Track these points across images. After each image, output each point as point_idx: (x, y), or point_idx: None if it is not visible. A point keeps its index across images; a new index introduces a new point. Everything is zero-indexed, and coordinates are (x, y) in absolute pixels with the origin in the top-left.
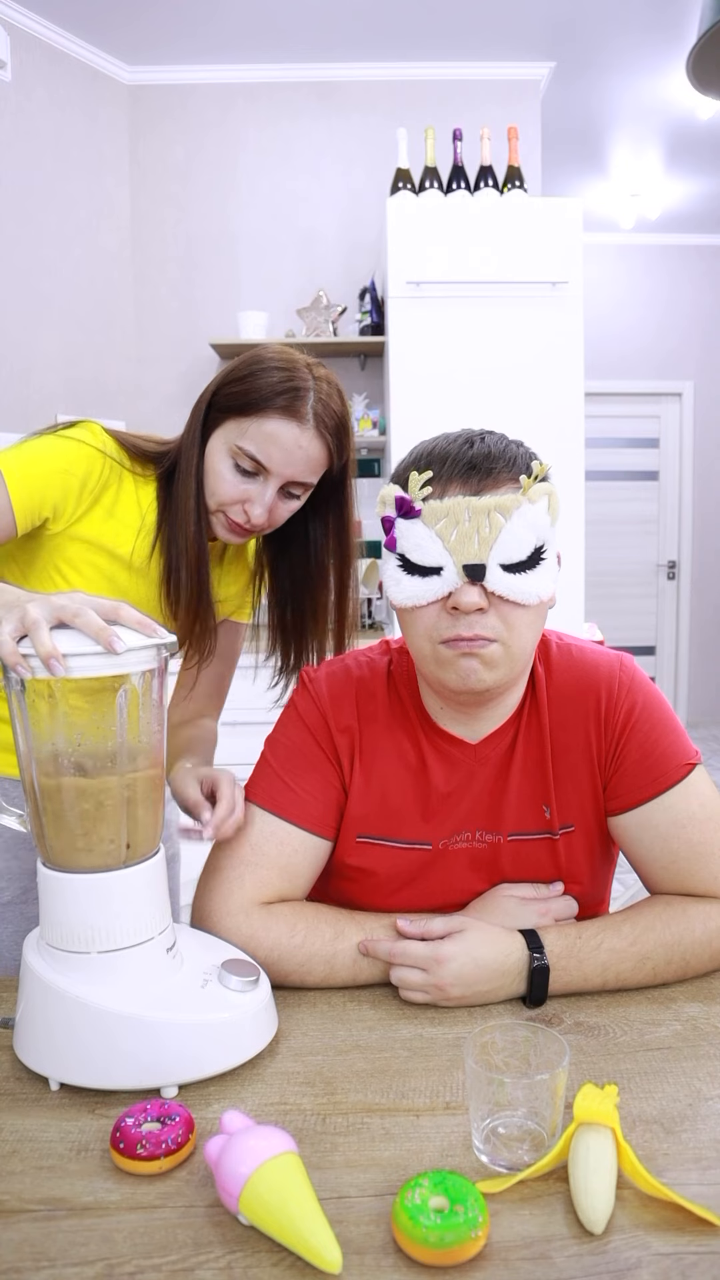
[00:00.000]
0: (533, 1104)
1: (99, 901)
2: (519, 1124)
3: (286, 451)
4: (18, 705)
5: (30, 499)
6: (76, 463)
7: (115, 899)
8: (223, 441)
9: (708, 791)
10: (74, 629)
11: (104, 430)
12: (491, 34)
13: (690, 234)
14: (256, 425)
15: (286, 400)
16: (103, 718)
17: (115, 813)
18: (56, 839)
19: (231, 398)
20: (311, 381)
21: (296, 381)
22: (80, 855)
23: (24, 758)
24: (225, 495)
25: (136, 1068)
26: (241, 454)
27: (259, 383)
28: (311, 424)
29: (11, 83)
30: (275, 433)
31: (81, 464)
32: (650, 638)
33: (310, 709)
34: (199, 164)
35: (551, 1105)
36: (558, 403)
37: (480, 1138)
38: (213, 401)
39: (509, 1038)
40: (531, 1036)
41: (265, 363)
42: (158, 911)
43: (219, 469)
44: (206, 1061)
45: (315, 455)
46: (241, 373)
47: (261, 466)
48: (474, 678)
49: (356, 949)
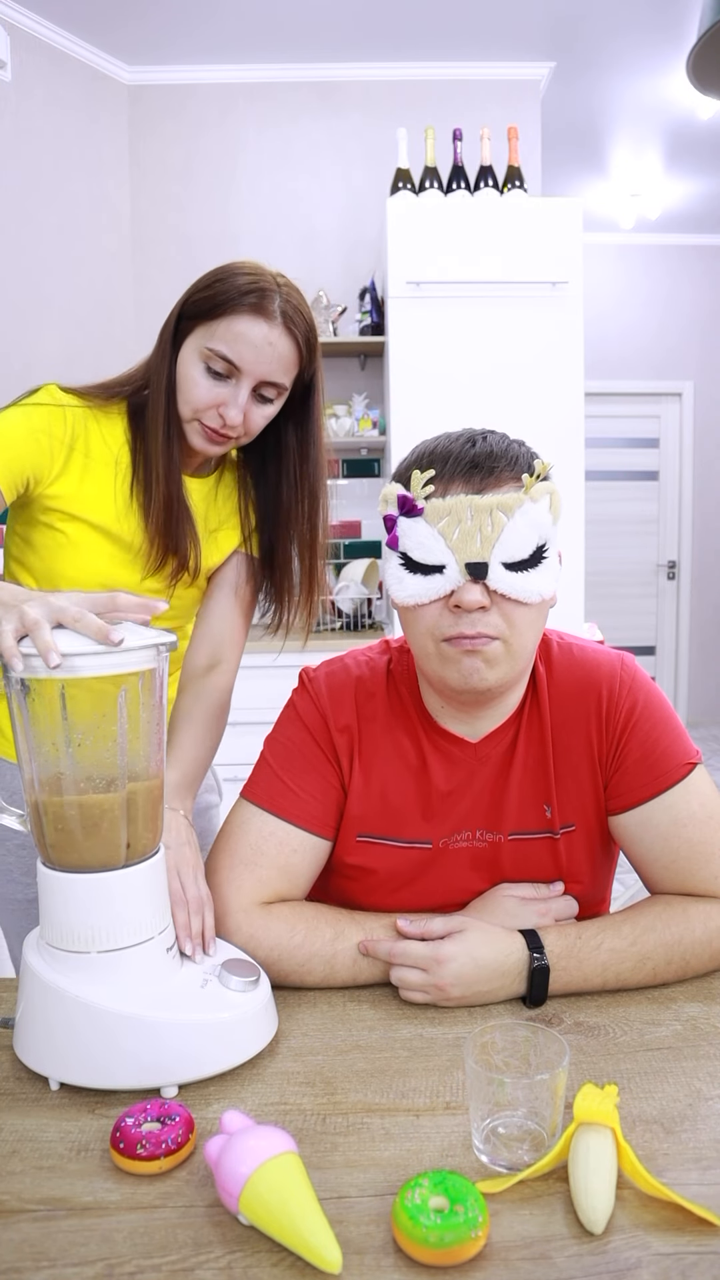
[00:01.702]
0: (533, 1104)
1: (99, 901)
2: (519, 1124)
3: (257, 348)
4: (18, 708)
5: (9, 467)
6: (42, 422)
7: (115, 899)
8: (193, 348)
9: (708, 791)
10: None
11: (59, 388)
12: (491, 34)
13: (690, 234)
14: (226, 325)
15: (254, 299)
16: (103, 718)
17: (116, 816)
18: (56, 840)
19: (199, 304)
20: (276, 286)
21: (262, 283)
22: (80, 855)
23: (24, 761)
24: (199, 400)
25: (136, 1067)
26: (213, 355)
27: (225, 286)
28: (280, 321)
29: (11, 83)
30: (245, 331)
31: (45, 421)
32: (650, 638)
33: (309, 708)
34: (199, 164)
35: (551, 1105)
36: (558, 403)
37: (480, 1138)
38: (182, 312)
39: (509, 1038)
40: (531, 1036)
41: (230, 269)
42: (157, 911)
43: (191, 375)
44: (206, 1061)
45: (285, 353)
46: (207, 280)
47: (233, 366)
48: (476, 676)
49: (356, 949)
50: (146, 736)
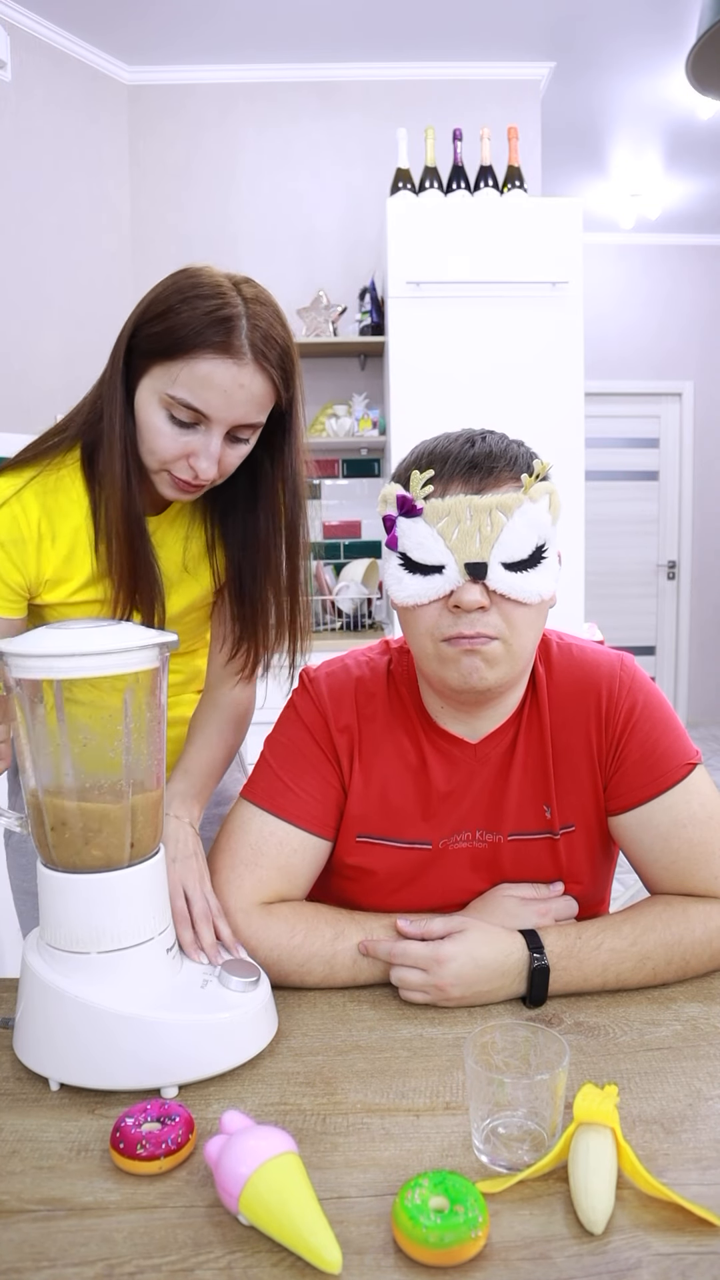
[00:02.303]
0: (533, 1104)
1: (100, 902)
2: (519, 1124)
3: (226, 394)
4: (20, 712)
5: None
6: (5, 534)
7: (118, 899)
8: (151, 391)
9: (708, 791)
10: (73, 629)
11: (7, 475)
12: (491, 34)
13: (690, 234)
14: (187, 369)
15: (217, 334)
16: (106, 720)
17: (120, 818)
18: (59, 842)
19: (153, 340)
20: (243, 306)
21: (226, 309)
22: (82, 857)
23: (26, 764)
24: (166, 453)
25: (136, 1068)
26: (175, 404)
27: (183, 317)
28: (250, 358)
29: (11, 83)
30: (210, 375)
31: (7, 532)
32: (650, 638)
33: (310, 709)
34: (199, 164)
35: (551, 1105)
36: (558, 403)
37: (480, 1138)
38: (131, 345)
39: (509, 1038)
40: (531, 1036)
41: (186, 292)
42: (158, 911)
43: (154, 424)
44: (206, 1062)
45: (259, 393)
46: (160, 308)
47: (201, 415)
48: (476, 676)
49: (356, 949)
50: (149, 738)
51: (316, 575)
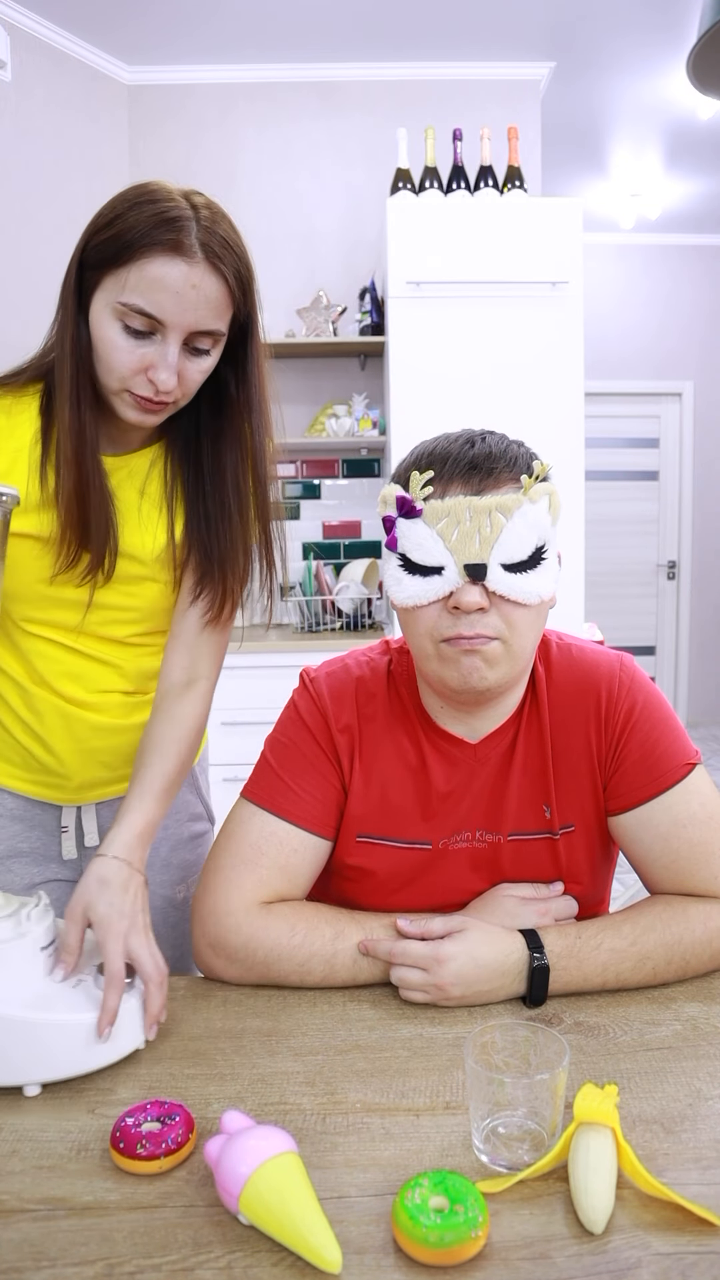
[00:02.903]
0: (533, 1104)
1: None
2: (519, 1124)
3: (178, 294)
4: None
5: None
6: None
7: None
8: (104, 305)
9: (708, 791)
10: None
11: None
12: (491, 34)
13: (690, 234)
14: (137, 272)
15: (165, 233)
16: None
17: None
18: None
19: (101, 249)
20: (190, 209)
21: (171, 210)
22: None
23: None
24: (123, 367)
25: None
26: (128, 311)
27: (129, 221)
28: (201, 256)
29: (11, 83)
30: (160, 275)
31: None
32: (650, 638)
33: (310, 708)
34: (199, 164)
35: (551, 1105)
36: (558, 403)
37: (480, 1137)
38: (83, 261)
39: (509, 1038)
40: (531, 1036)
41: (131, 199)
42: None
43: (108, 337)
44: (69, 1061)
45: (214, 294)
46: (107, 217)
47: (155, 320)
48: (475, 676)
49: (356, 949)
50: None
51: (316, 575)
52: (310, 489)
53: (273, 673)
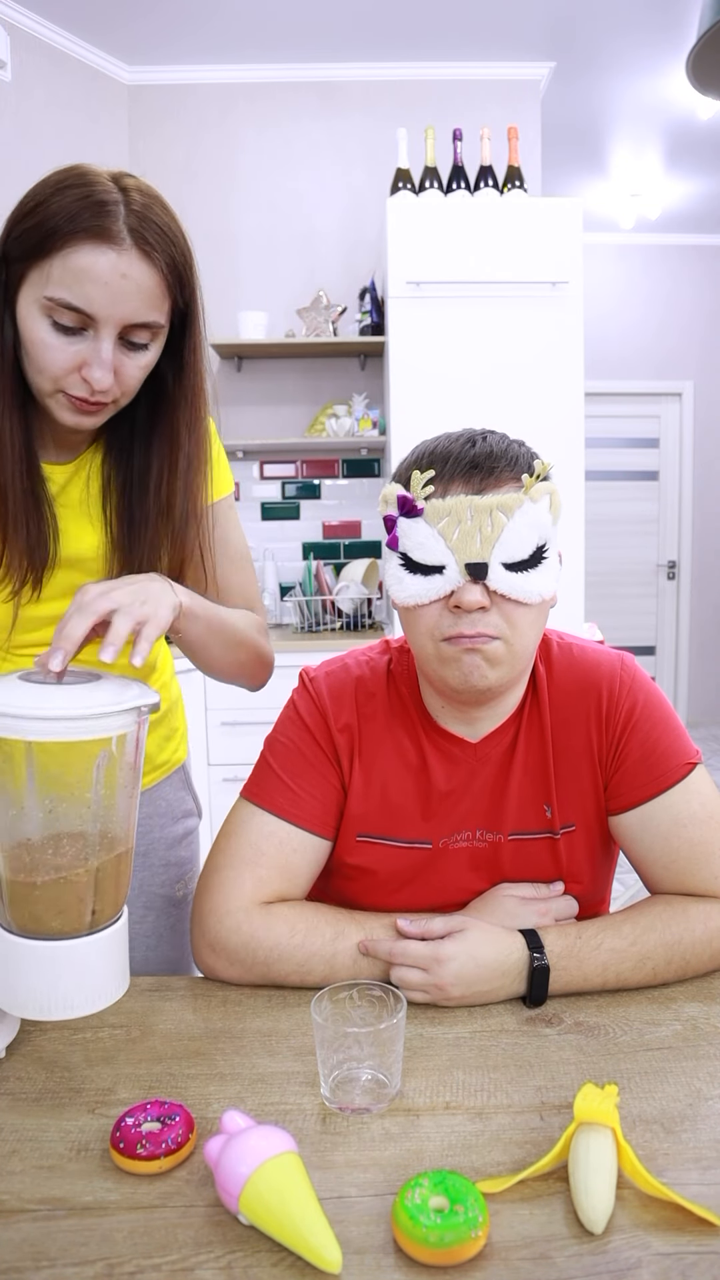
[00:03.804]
0: (378, 1056)
1: (56, 970)
2: (367, 1074)
3: (107, 286)
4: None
5: None
6: None
7: (75, 967)
8: (30, 300)
9: (708, 791)
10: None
11: None
12: (491, 34)
13: (690, 234)
14: (61, 263)
15: (90, 219)
16: (76, 784)
17: (84, 886)
18: (14, 901)
19: (24, 239)
20: (118, 192)
21: (97, 194)
22: (40, 923)
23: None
24: (55, 366)
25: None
26: (56, 306)
27: (51, 208)
28: (130, 242)
29: (11, 83)
30: (88, 266)
31: None
32: (650, 638)
33: (310, 708)
34: (199, 164)
35: (393, 1053)
36: (558, 403)
37: (328, 1087)
38: (5, 254)
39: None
40: (384, 996)
41: (55, 184)
42: (117, 982)
43: (38, 336)
44: None
45: (147, 283)
46: (30, 204)
47: (84, 315)
48: (476, 674)
49: (356, 949)
50: (121, 803)
51: (316, 575)
52: (310, 489)
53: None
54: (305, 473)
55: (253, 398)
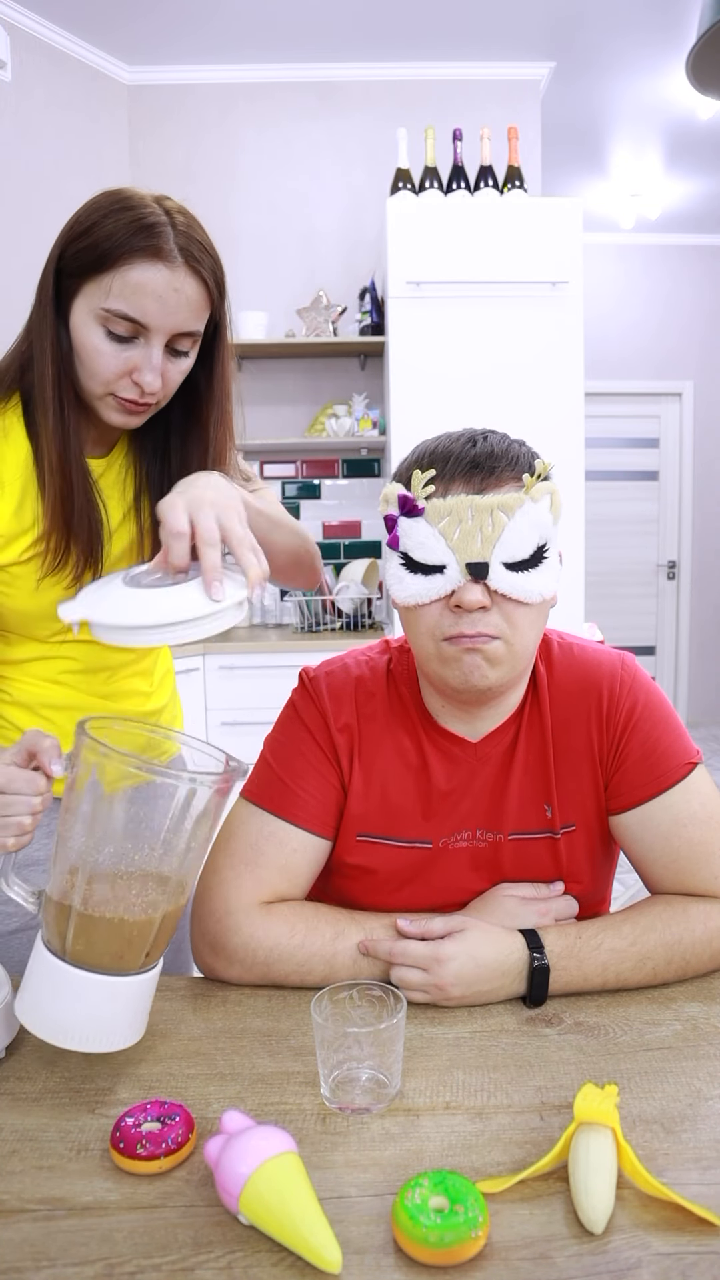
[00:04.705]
0: (378, 1055)
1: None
2: (366, 1074)
3: (161, 299)
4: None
5: None
6: None
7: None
8: (86, 311)
9: (708, 791)
10: None
11: None
12: (491, 34)
13: (690, 234)
14: (120, 278)
15: (145, 240)
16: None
17: (151, 928)
18: (77, 938)
19: (80, 256)
20: (164, 215)
21: (149, 217)
22: (97, 959)
23: (68, 848)
24: (108, 371)
25: None
26: (112, 317)
27: (107, 229)
28: (181, 260)
29: (11, 83)
30: (144, 281)
31: None
32: (650, 638)
33: (310, 708)
34: (199, 164)
35: (392, 1053)
36: (558, 403)
37: (328, 1087)
38: (60, 268)
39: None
40: (384, 996)
41: (106, 207)
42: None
43: (92, 343)
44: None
45: (194, 296)
46: (84, 225)
47: (138, 325)
48: (477, 674)
49: (356, 949)
50: (197, 853)
51: None
52: (310, 489)
53: (272, 673)
54: (305, 473)
55: (253, 398)
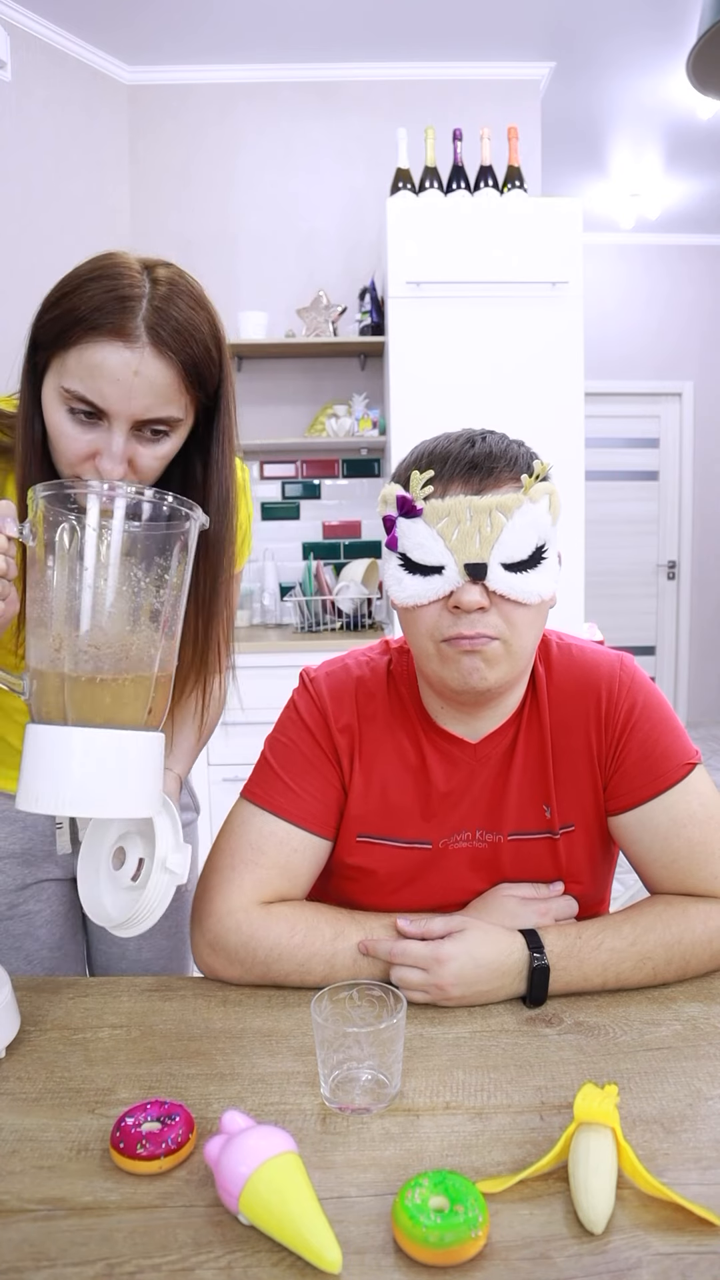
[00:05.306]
0: (378, 1055)
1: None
2: (366, 1074)
3: (118, 383)
4: (42, 572)
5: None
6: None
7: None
8: (52, 389)
9: (708, 791)
10: None
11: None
12: (491, 34)
13: (690, 234)
14: (77, 357)
15: (107, 316)
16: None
17: (147, 681)
18: (75, 688)
19: (49, 328)
20: (146, 286)
21: (121, 289)
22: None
23: (52, 612)
24: (71, 453)
25: None
26: (71, 397)
27: (75, 301)
28: (145, 341)
29: (11, 83)
30: (100, 362)
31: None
32: (650, 638)
33: (310, 708)
34: (199, 164)
35: (392, 1052)
36: (558, 403)
37: (328, 1087)
38: (34, 340)
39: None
40: (384, 996)
41: (85, 274)
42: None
43: (56, 423)
44: None
45: (161, 381)
46: (57, 294)
47: (95, 408)
48: (476, 676)
49: (356, 949)
50: (177, 588)
51: (316, 575)
52: (310, 489)
53: (272, 673)
54: (305, 473)
55: (253, 398)
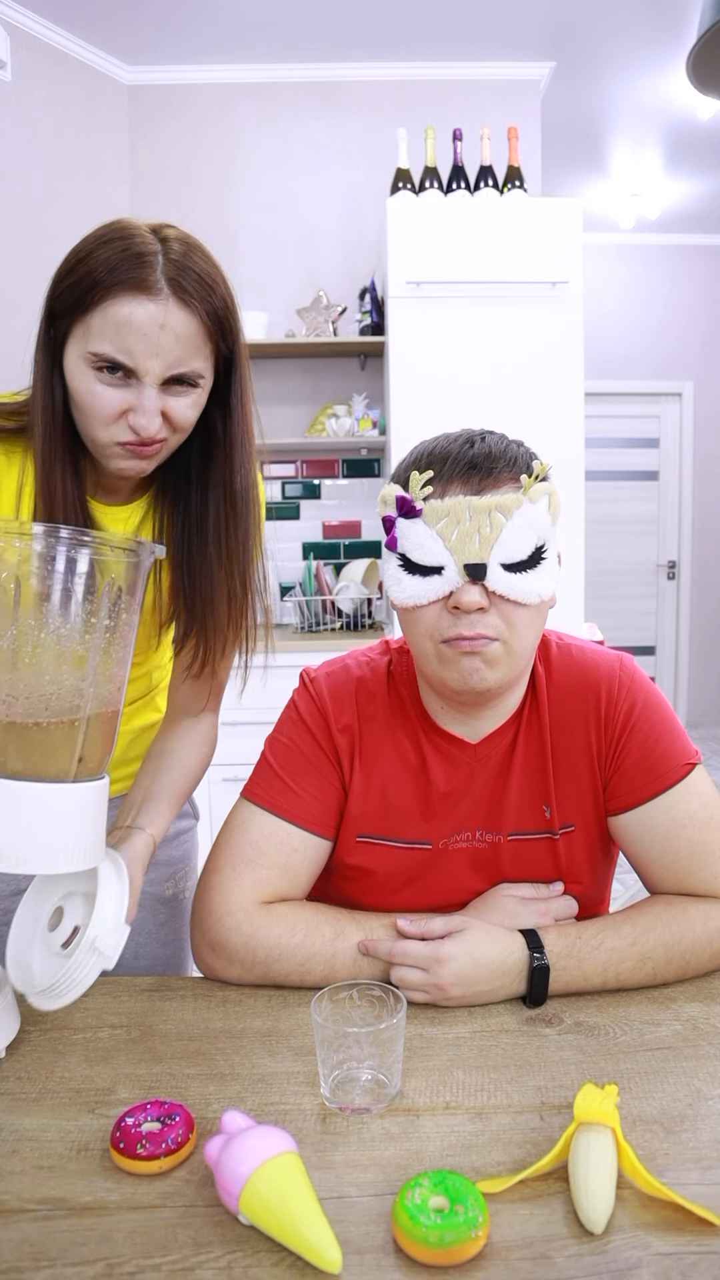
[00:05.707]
0: (378, 1055)
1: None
2: (366, 1074)
3: (145, 336)
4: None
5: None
6: None
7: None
8: (76, 355)
9: (707, 791)
10: None
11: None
12: (491, 34)
13: (690, 234)
14: (101, 316)
15: (127, 272)
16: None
17: (74, 729)
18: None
19: (66, 296)
20: (157, 243)
21: (136, 246)
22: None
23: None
24: (103, 413)
25: None
26: (97, 359)
27: (91, 263)
28: (167, 292)
29: (11, 83)
30: (126, 317)
31: None
32: (650, 638)
33: (310, 708)
34: (199, 164)
35: (392, 1052)
36: (558, 403)
37: (328, 1087)
38: (51, 311)
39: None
40: (384, 996)
41: (96, 239)
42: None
43: (86, 388)
44: None
45: (186, 331)
46: (70, 262)
47: (124, 366)
48: (475, 677)
49: (356, 949)
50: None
51: (316, 575)
52: (310, 489)
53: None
54: (305, 473)
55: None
